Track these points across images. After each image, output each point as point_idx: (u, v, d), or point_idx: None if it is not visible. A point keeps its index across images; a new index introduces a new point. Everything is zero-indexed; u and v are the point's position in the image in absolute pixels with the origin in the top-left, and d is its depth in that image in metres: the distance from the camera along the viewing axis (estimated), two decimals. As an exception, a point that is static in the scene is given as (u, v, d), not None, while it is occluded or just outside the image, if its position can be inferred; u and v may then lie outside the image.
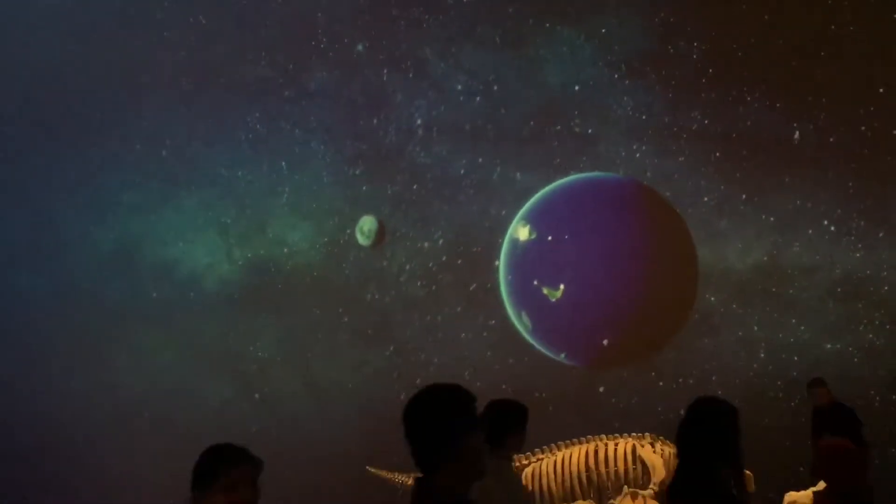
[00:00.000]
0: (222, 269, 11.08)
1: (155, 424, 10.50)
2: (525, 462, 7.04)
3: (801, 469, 9.13)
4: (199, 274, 11.06)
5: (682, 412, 2.46)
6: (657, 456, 6.68)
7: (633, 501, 6.47)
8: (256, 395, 10.85)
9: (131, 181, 11.10)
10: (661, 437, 6.95)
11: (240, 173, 11.12)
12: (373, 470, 7.41)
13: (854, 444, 4.94)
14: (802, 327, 10.93)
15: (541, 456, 7.05)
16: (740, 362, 10.74)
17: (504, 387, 10.99)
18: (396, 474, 7.41)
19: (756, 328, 10.97)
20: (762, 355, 10.86)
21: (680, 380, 10.92)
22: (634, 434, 6.92)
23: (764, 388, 9.95)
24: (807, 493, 6.14)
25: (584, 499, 6.53)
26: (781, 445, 8.98)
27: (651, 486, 6.50)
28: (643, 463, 6.62)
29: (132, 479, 9.83)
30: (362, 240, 10.70)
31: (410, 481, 7.64)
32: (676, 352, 11.12)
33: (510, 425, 3.84)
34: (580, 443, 6.95)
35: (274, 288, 11.01)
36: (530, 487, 6.86)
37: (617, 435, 6.98)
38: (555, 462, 6.87)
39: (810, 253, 11.05)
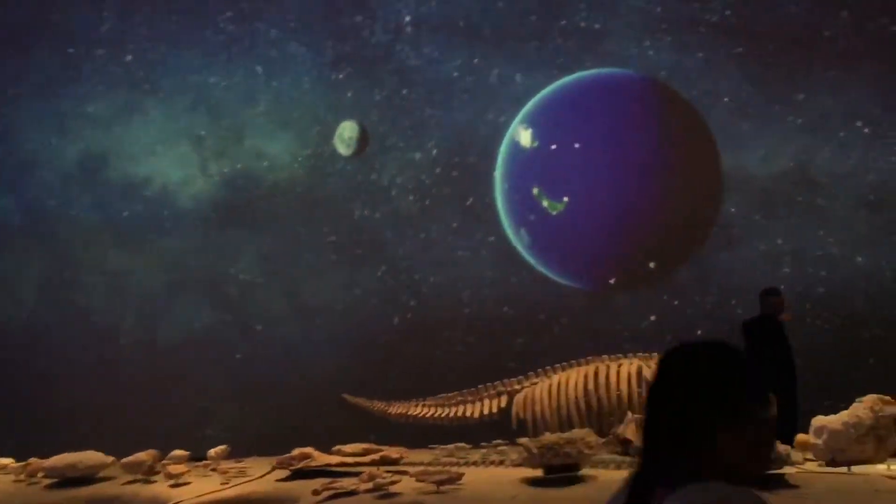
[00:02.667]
0: (197, 185, 10.22)
1: (131, 351, 9.83)
2: (517, 387, 6.26)
3: (829, 392, 8.34)
4: (171, 190, 10.21)
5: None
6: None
7: (639, 429, 5.67)
8: (240, 319, 10.11)
9: (94, 90, 10.18)
10: (672, 358, 6.12)
11: (212, 80, 10.15)
12: (350, 398, 6.66)
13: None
14: (831, 239, 10.02)
15: (535, 380, 6.25)
16: (763, 278, 9.86)
17: (505, 309, 10.22)
18: (375, 403, 6.66)
19: (780, 241, 10.07)
20: (786, 270, 9.98)
21: (697, 298, 10.08)
22: (640, 354, 6.08)
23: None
24: (837, 418, 5.32)
25: (582, 426, 5.73)
26: (808, 367, 8.17)
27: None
28: (649, 384, 5.79)
29: (109, 408, 9.21)
30: (343, 149, 9.79)
31: (392, 410, 6.95)
32: (693, 268, 10.25)
33: None
34: (579, 365, 6.13)
35: (254, 205, 10.16)
36: (522, 415, 6.08)
37: (620, 355, 6.14)
38: (550, 386, 6.07)
39: (841, 158, 10.06)
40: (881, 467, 5.27)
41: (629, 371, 5.93)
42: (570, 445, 5.15)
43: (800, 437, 6.31)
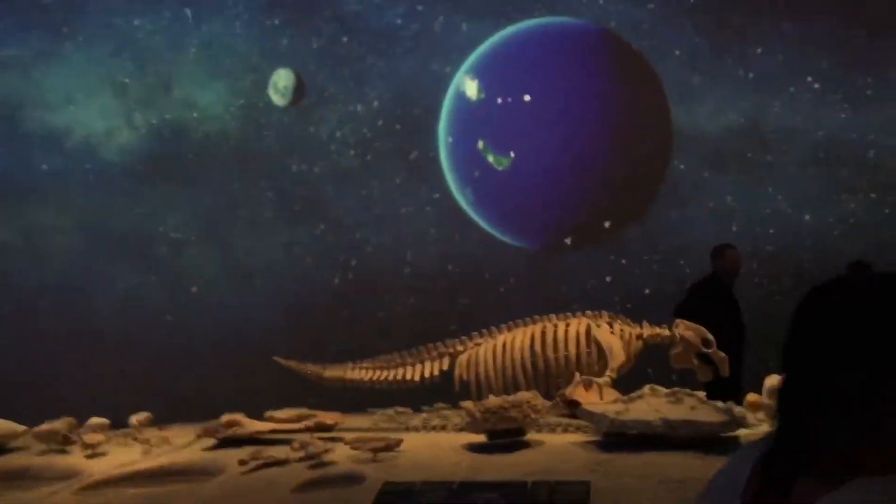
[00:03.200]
0: (122, 137, 9.58)
1: (50, 313, 9.24)
2: (460, 348, 5.93)
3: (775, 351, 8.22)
4: (95, 142, 9.55)
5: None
6: (615, 338, 5.58)
7: (587, 391, 5.40)
8: (170, 280, 9.58)
9: (8, 34, 9.41)
10: (622, 317, 5.84)
11: (137, 22, 9.47)
12: (281, 361, 6.26)
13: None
14: (780, 197, 9.91)
15: (478, 341, 5.92)
16: (711, 237, 9.69)
17: (449, 268, 9.90)
18: (308, 366, 6.27)
19: (729, 199, 9.92)
20: (734, 228, 9.85)
21: (645, 257, 9.89)
22: (589, 313, 5.79)
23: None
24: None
25: (527, 388, 5.43)
26: (754, 327, 8.02)
27: (608, 372, 5.41)
28: (599, 346, 5.51)
29: (24, 374, 8.64)
30: (277, 98, 9.25)
31: (327, 373, 6.56)
32: (640, 227, 10.03)
33: None
34: (525, 325, 5.81)
35: (184, 158, 9.58)
36: (465, 377, 5.75)
37: (569, 314, 5.84)
38: (494, 347, 5.74)
39: (791, 114, 9.91)
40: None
41: (577, 331, 5.64)
42: (515, 409, 4.84)
43: (751, 397, 6.14)
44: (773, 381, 5.13)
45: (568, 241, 9.73)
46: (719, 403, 4.53)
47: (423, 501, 4.12)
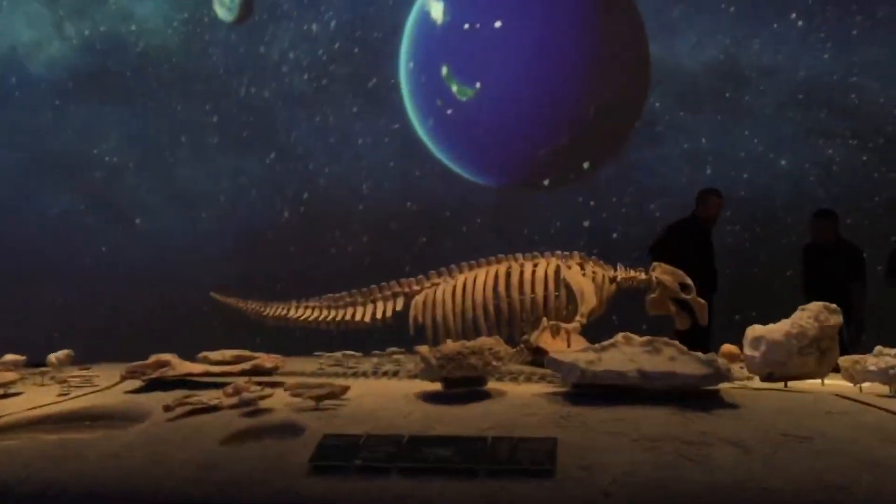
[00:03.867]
0: (52, 49, 8.74)
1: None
2: (416, 288, 5.39)
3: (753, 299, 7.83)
4: (21, 54, 8.70)
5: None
6: (587, 280, 5.08)
7: (554, 337, 4.93)
8: (105, 208, 8.86)
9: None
10: (594, 258, 5.34)
11: (68, -79, 8.58)
12: (219, 297, 5.68)
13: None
14: (756, 140, 9.47)
15: (436, 280, 5.39)
16: (683, 179, 9.28)
17: (408, 204, 9.34)
18: (248, 303, 5.70)
19: (704, 139, 9.46)
20: (708, 171, 9.42)
21: (614, 199, 9.42)
22: (559, 253, 5.28)
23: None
24: (777, 328, 4.69)
25: (489, 334, 4.94)
26: (726, 273, 7.64)
27: (577, 317, 4.92)
28: (569, 289, 5.01)
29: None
30: (224, 13, 8.47)
31: (269, 312, 5.98)
32: (610, 167, 9.54)
33: None
34: (488, 264, 5.29)
35: (122, 76, 8.80)
36: (420, 319, 5.23)
37: (537, 254, 5.33)
38: (454, 288, 5.22)
39: (772, 52, 9.42)
40: (814, 383, 4.70)
41: (546, 272, 5.12)
42: (474, 356, 4.34)
43: (726, 347, 5.75)
44: (756, 331, 4.71)
45: (546, 182, 9.20)
46: (700, 354, 4.07)
47: (367, 457, 3.62)
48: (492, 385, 4.61)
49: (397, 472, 3.54)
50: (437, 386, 4.55)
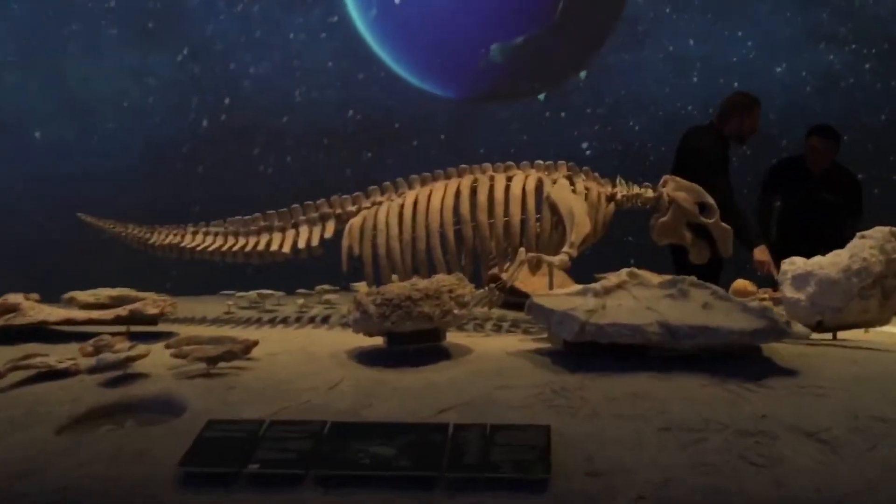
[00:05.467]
0: None
1: None
2: (350, 209, 4.10)
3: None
4: None
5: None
6: (578, 198, 3.85)
7: (534, 274, 3.73)
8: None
9: None
10: (587, 170, 4.10)
11: None
12: (88, 219, 4.32)
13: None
14: (750, 43, 8.26)
15: (378, 199, 4.12)
16: (667, 86, 8.09)
17: (350, 113, 7.96)
18: (130, 228, 4.37)
19: (692, 41, 8.23)
20: (695, 79, 8.21)
21: (588, 110, 8.18)
22: (540, 163, 4.04)
23: (692, 120, 7.34)
24: (829, 260, 3.56)
25: (449, 270, 3.73)
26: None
27: (566, 248, 3.71)
28: (554, 210, 3.79)
29: None
30: None
31: (156, 239, 4.60)
32: (587, 71, 8.26)
33: None
34: (446, 177, 4.03)
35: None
36: (356, 251, 3.97)
37: (511, 164, 4.08)
38: (401, 209, 3.96)
39: (773, -61, 8.17)
40: (859, 332, 3.60)
41: (524, 187, 3.87)
42: (429, 302, 3.13)
43: (740, 283, 4.65)
44: (799, 265, 3.56)
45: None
46: (746, 301, 2.91)
47: (268, 458, 2.41)
48: (451, 339, 3.41)
49: (313, 481, 2.34)
50: (377, 341, 3.34)
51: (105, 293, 4.11)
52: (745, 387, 2.73)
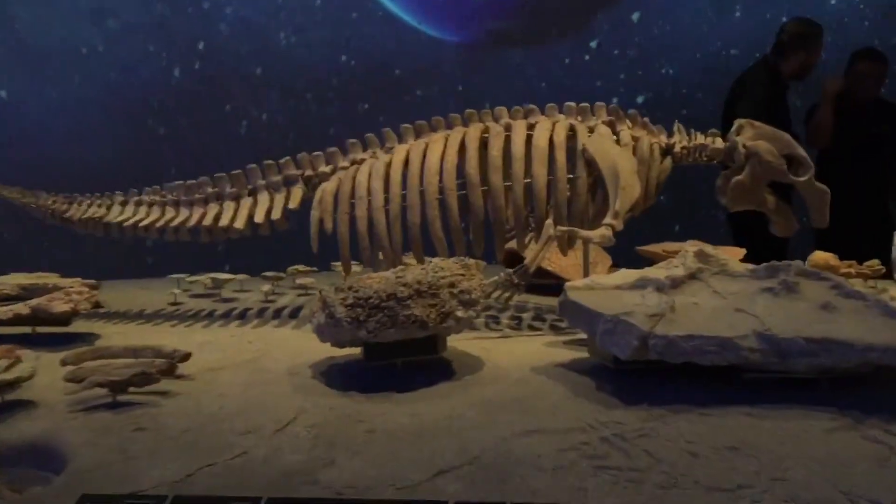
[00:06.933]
0: None
1: None
2: (323, 170, 3.14)
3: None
4: None
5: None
6: (623, 151, 2.88)
7: (564, 254, 2.80)
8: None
9: None
10: (633, 113, 3.11)
11: None
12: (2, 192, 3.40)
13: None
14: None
15: (358, 157, 3.17)
16: (705, 26, 7.05)
17: (343, 59, 6.98)
18: (43, 198, 3.43)
19: (739, -29, 7.18)
20: (737, 14, 7.17)
21: (615, 51, 7.17)
22: (571, 105, 3.07)
23: (734, 64, 6.35)
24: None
25: (450, 252, 2.80)
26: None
27: (609, 218, 2.76)
28: (593, 167, 2.83)
29: None
30: None
31: (74, 213, 3.52)
32: (609, 12, 7.25)
33: None
34: (447, 127, 3.08)
35: None
36: (329, 224, 3.03)
37: (533, 108, 3.11)
38: (387, 168, 3.02)
39: None
40: None
41: (552, 138, 2.90)
42: (420, 300, 2.23)
43: (819, 256, 3.73)
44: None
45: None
46: (889, 300, 1.97)
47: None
48: (454, 341, 2.50)
49: None
50: (354, 352, 2.43)
51: (15, 280, 3.21)
52: (893, 432, 1.81)
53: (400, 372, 2.31)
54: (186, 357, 2.43)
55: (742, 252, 3.64)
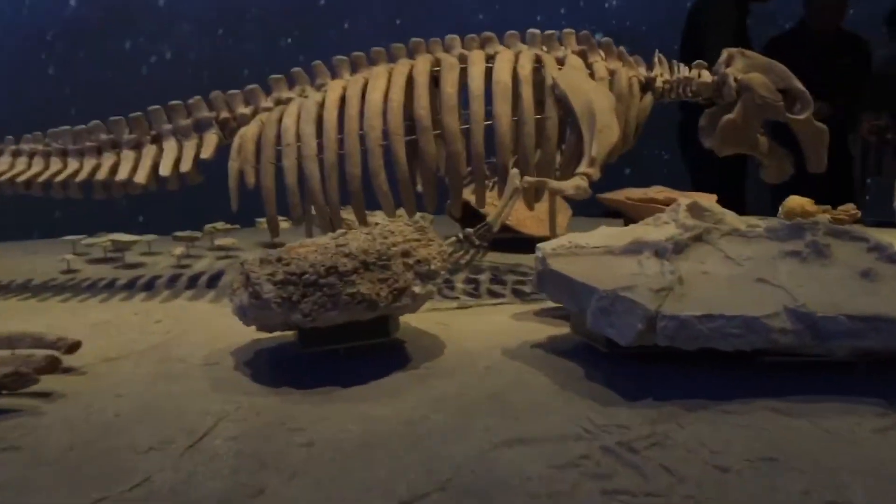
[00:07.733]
0: None
1: None
2: (242, 111, 2.63)
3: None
4: None
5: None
6: (599, 87, 2.47)
7: (531, 208, 2.40)
8: None
9: None
10: (606, 41, 2.68)
11: None
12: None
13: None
14: None
15: (284, 95, 2.68)
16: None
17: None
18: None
19: None
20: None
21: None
22: (536, 33, 2.62)
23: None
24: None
25: (397, 208, 2.34)
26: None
27: (583, 165, 2.35)
28: (562, 106, 2.39)
29: None
30: None
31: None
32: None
33: None
34: (390, 60, 2.60)
35: None
36: (251, 178, 2.54)
37: (491, 36, 2.65)
38: (320, 109, 2.54)
39: None
40: None
41: (516, 71, 2.46)
42: (367, 275, 1.79)
43: (794, 201, 3.47)
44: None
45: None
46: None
47: None
48: (405, 320, 2.08)
49: None
50: (288, 333, 1.99)
51: None
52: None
53: (343, 360, 1.88)
54: (75, 347, 1.95)
55: (713, 198, 3.31)
